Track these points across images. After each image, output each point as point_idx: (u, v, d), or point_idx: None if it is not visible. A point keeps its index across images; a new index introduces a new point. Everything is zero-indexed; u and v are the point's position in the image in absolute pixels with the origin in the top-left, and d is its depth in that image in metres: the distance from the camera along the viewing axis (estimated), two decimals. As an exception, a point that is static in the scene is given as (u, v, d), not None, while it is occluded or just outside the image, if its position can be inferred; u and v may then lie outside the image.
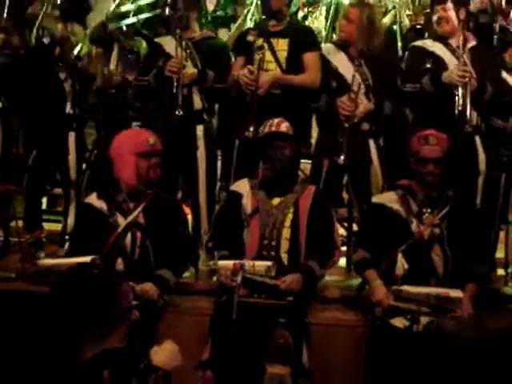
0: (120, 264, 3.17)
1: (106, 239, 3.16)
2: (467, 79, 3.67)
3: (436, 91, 3.79)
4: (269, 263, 3.02)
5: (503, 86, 3.96)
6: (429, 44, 3.98)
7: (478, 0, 4.88)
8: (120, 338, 1.95)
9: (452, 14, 3.89)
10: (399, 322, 2.97)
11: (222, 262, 3.05)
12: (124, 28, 5.13)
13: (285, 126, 3.40)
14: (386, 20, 5.35)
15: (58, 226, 4.54)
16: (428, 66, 3.85)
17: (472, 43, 3.93)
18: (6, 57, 4.64)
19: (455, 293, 3.04)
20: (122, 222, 3.22)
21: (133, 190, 3.27)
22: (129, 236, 3.21)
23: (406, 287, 3.08)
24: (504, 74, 4.06)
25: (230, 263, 2.98)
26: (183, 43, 3.99)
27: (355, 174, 3.91)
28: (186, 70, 3.91)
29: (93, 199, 3.34)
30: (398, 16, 5.30)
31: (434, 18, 3.92)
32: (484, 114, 3.91)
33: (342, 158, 3.71)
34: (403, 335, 2.89)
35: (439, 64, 3.86)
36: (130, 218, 3.22)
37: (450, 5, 3.88)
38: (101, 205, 3.27)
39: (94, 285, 1.92)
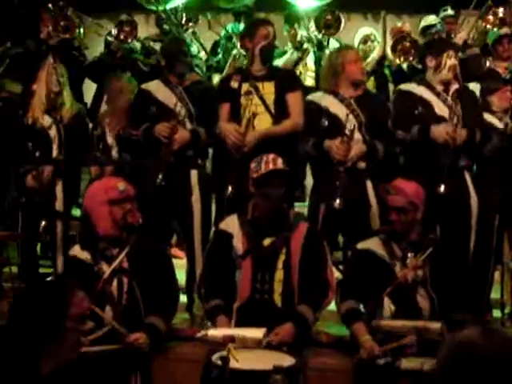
0: (109, 311, 3.14)
1: (93, 289, 3.13)
2: (456, 140, 3.71)
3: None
4: (259, 335, 2.84)
5: (486, 128, 3.98)
6: (415, 88, 4.00)
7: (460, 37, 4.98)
8: (73, 347, 1.98)
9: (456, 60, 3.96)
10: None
11: (211, 333, 2.92)
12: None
13: (281, 163, 3.31)
14: (374, 55, 5.43)
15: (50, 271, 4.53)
16: (417, 111, 3.88)
17: (455, 86, 3.98)
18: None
19: (434, 324, 3.02)
20: (106, 269, 3.21)
21: (112, 237, 3.26)
22: (115, 282, 3.20)
23: (384, 321, 3.10)
24: (489, 117, 4.10)
25: (220, 334, 2.87)
26: (175, 89, 4.05)
27: (353, 217, 3.85)
28: (177, 134, 3.93)
29: (77, 251, 3.33)
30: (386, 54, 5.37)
31: (449, 63, 3.90)
32: (474, 156, 3.94)
33: (338, 201, 3.70)
34: (387, 372, 2.90)
35: (428, 109, 3.89)
36: (115, 265, 3.20)
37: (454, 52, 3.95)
38: (85, 255, 3.26)
39: (47, 294, 1.98)
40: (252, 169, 3.30)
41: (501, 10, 5.25)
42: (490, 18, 5.25)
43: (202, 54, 5.78)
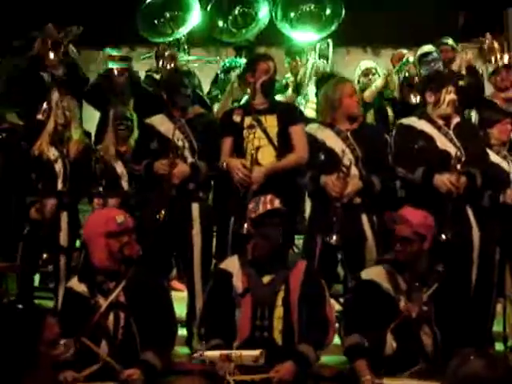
0: (104, 346, 3.10)
1: (89, 322, 3.11)
2: (458, 190, 3.73)
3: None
4: (257, 352, 2.81)
5: (488, 162, 4.01)
6: (416, 122, 4.02)
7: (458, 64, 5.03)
8: (48, 372, 2.04)
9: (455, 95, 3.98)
10: None
11: (208, 353, 2.91)
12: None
13: (278, 203, 3.35)
14: (378, 84, 5.45)
15: (49, 304, 4.49)
16: (417, 146, 3.91)
17: (456, 119, 4.01)
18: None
19: None
20: (103, 302, 3.16)
21: (109, 270, 3.23)
22: (111, 316, 3.15)
23: (386, 380, 3.03)
24: (488, 151, 4.13)
25: (216, 354, 2.83)
26: (178, 123, 4.07)
27: (349, 252, 3.88)
28: (176, 169, 3.95)
29: (74, 283, 3.29)
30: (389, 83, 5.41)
31: (448, 98, 3.93)
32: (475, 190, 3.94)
33: (335, 238, 3.70)
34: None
35: (429, 143, 3.91)
36: (111, 298, 3.16)
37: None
38: (82, 288, 3.22)
39: (19, 320, 2.03)
40: (250, 209, 3.33)
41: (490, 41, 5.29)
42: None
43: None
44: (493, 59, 5.32)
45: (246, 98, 4.60)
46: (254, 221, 3.30)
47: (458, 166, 3.76)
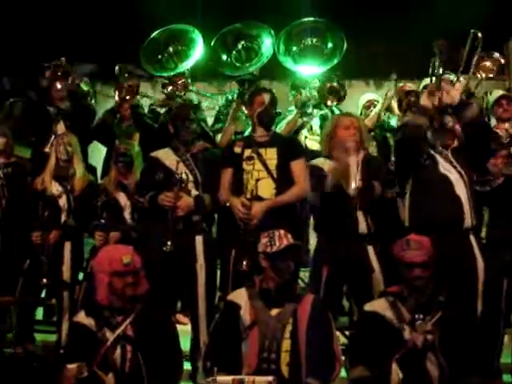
0: (111, 379, 3.09)
1: (96, 355, 3.11)
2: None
3: None
4: (270, 379, 2.91)
5: None
6: None
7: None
8: None
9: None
10: None
11: (220, 378, 2.94)
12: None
13: (291, 237, 3.40)
14: (376, 109, 5.47)
15: (53, 337, 4.47)
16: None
17: (454, 144, 4.00)
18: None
19: None
20: (110, 336, 3.18)
21: (108, 306, 3.23)
22: (118, 350, 3.16)
23: None
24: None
25: (229, 379, 2.89)
26: (182, 156, 4.13)
27: (356, 283, 3.88)
28: (181, 201, 3.99)
29: (81, 317, 3.30)
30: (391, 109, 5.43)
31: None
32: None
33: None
34: None
35: (432, 167, 3.90)
36: (118, 332, 3.17)
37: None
38: (89, 321, 3.24)
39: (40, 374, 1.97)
40: (264, 243, 3.38)
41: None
42: (486, 64, 5.31)
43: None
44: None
45: (248, 130, 4.64)
46: (269, 255, 3.34)
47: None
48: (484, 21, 5.55)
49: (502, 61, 5.39)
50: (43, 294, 4.65)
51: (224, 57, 5.29)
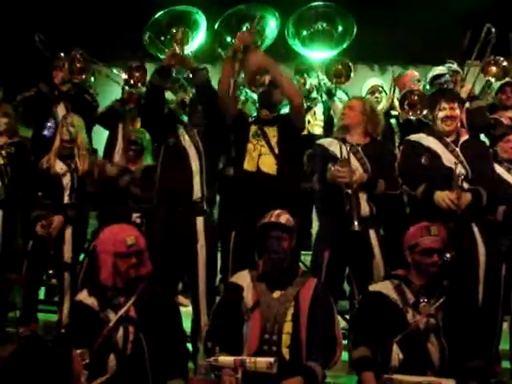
0: (112, 360, 3.08)
1: (98, 336, 3.09)
2: (460, 206, 3.74)
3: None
4: (271, 359, 2.92)
5: (496, 182, 4.02)
6: (424, 139, 4.05)
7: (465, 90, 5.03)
8: None
9: (458, 112, 4.01)
10: None
11: (222, 358, 2.96)
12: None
13: (284, 218, 3.41)
14: (381, 107, 5.46)
15: (54, 317, 4.49)
16: (423, 160, 3.94)
17: (465, 137, 4.02)
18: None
19: (448, 382, 2.98)
20: (113, 317, 3.15)
21: (111, 287, 3.21)
22: (120, 331, 3.13)
23: (397, 376, 3.04)
24: (497, 167, 4.13)
25: (230, 359, 2.91)
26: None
27: (357, 267, 3.90)
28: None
29: (83, 296, 3.27)
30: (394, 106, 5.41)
31: (441, 115, 3.99)
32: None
33: (356, 224, 3.72)
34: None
35: (435, 160, 3.93)
36: (121, 313, 3.15)
37: (456, 104, 3.99)
38: (92, 301, 3.21)
39: (49, 356, 1.99)
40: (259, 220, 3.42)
41: (502, 59, 5.30)
42: (493, 68, 5.29)
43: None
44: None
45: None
46: (258, 232, 3.39)
47: (461, 183, 3.77)
48: (491, 8, 5.55)
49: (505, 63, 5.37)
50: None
51: (228, 39, 5.23)
